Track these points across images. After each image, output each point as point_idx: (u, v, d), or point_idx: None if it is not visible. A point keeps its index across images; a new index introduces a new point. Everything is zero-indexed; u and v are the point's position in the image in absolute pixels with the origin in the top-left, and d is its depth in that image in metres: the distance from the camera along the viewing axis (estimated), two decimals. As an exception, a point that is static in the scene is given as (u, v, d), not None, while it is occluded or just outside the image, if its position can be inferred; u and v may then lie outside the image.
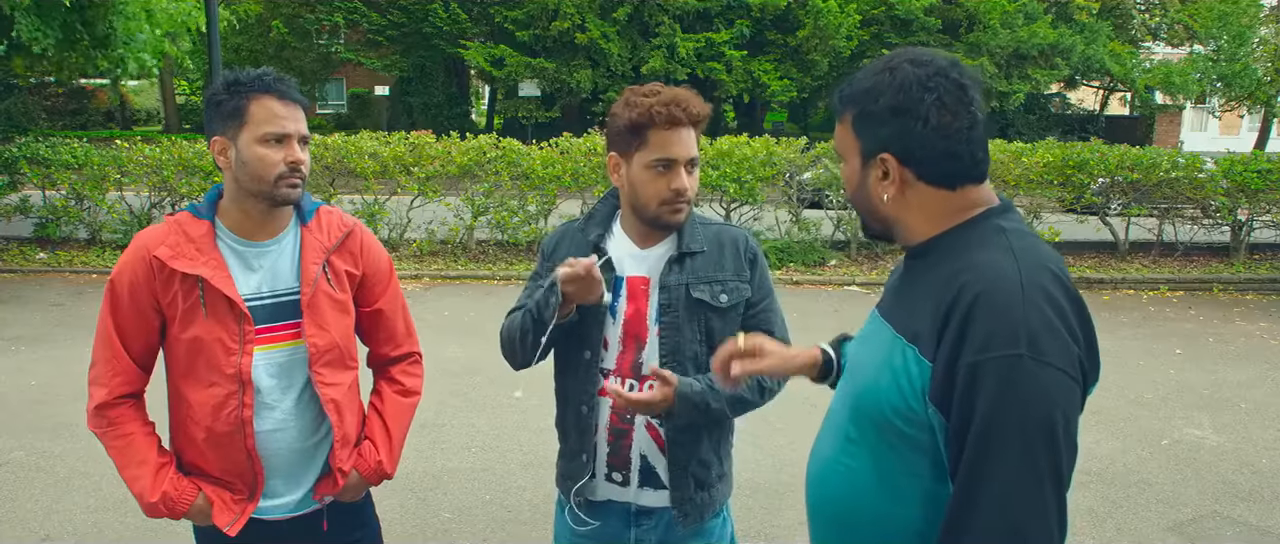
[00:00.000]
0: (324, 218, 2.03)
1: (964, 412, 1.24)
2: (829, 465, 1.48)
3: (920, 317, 1.35)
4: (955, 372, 1.25)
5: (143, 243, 1.91)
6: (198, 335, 1.88)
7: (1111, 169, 10.27)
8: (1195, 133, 32.54)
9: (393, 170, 10.12)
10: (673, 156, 1.87)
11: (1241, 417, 5.57)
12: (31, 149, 10.29)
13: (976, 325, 1.24)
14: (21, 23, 8.94)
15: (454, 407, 5.34)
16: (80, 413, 5.20)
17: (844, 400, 1.49)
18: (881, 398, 1.36)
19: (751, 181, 10.06)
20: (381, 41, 25.69)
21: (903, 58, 1.38)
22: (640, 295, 1.95)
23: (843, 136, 1.47)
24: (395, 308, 2.15)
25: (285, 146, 1.85)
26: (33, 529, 3.88)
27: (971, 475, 1.23)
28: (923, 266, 1.43)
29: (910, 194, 1.41)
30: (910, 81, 1.35)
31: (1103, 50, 23.72)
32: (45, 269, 9.65)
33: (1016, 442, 1.20)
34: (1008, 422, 1.21)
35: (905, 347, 1.35)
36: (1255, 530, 4.06)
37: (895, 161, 1.39)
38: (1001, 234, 1.36)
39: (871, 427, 1.39)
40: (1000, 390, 1.21)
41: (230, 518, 1.96)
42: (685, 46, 22.03)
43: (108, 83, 27.26)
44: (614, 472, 1.99)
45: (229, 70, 1.92)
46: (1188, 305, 9.03)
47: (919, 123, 1.35)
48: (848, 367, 1.59)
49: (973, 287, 1.27)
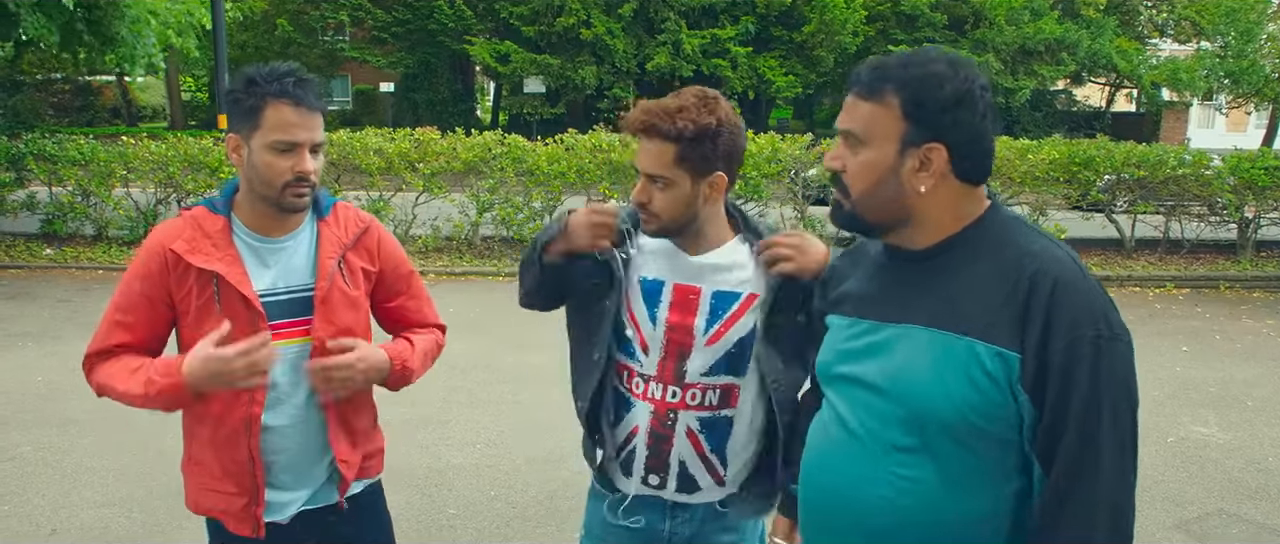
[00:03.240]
0: (341, 213, 2.02)
1: (1062, 395, 1.28)
2: (874, 481, 1.41)
3: (979, 311, 1.33)
4: (1048, 357, 1.28)
5: (159, 237, 1.90)
6: (211, 331, 1.86)
7: (1117, 166, 10.24)
8: (1202, 130, 32.42)
9: (398, 167, 10.13)
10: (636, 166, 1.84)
11: (1248, 414, 5.56)
12: (38, 145, 10.31)
13: (1062, 310, 1.28)
14: (27, 20, 8.96)
15: (459, 403, 5.34)
16: (87, 408, 5.23)
17: (873, 412, 1.42)
18: (955, 400, 1.33)
19: (756, 178, 10.06)
20: (386, 38, 25.72)
21: (949, 54, 1.37)
22: (688, 306, 1.88)
23: (880, 120, 1.38)
24: (419, 299, 2.15)
25: (295, 156, 1.83)
26: (40, 524, 3.90)
27: (1075, 457, 1.29)
28: (943, 263, 1.40)
29: (942, 188, 1.38)
30: (972, 74, 1.35)
31: (1109, 46, 23.67)
32: (52, 265, 9.67)
33: (1110, 419, 1.29)
34: (1103, 400, 1.28)
35: (973, 344, 1.32)
36: (1262, 528, 4.05)
37: (944, 153, 1.36)
38: (1022, 223, 1.43)
39: (939, 432, 1.35)
40: (1093, 370, 1.28)
41: (249, 527, 1.96)
42: (690, 43, 22.01)
43: (113, 79, 27.35)
44: (651, 475, 1.95)
45: (252, 66, 1.88)
46: (1194, 303, 9.00)
47: (978, 117, 1.35)
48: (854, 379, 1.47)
49: (1047, 273, 1.31)
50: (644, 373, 1.91)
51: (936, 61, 1.36)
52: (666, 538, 1.98)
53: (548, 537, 3.82)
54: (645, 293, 1.90)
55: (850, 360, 1.48)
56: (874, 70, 1.39)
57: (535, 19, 22.68)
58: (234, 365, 1.75)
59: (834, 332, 1.56)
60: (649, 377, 1.91)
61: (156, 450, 4.56)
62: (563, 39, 22.73)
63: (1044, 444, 1.32)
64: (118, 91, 30.04)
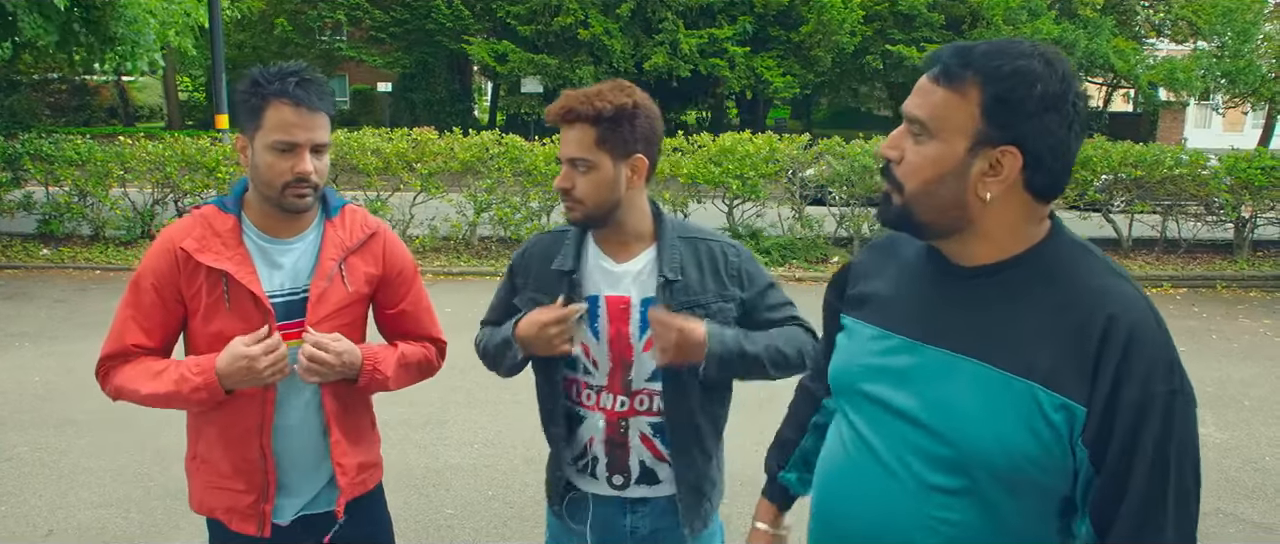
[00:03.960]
0: (349, 216, 2.02)
1: (1125, 458, 1.17)
2: (910, 521, 1.28)
3: (1044, 352, 1.20)
4: (1116, 413, 1.16)
5: (170, 235, 1.91)
6: (221, 330, 1.88)
7: (1114, 166, 10.25)
8: (1199, 129, 32.47)
9: (395, 167, 10.12)
10: (559, 156, 1.89)
11: (1245, 414, 5.56)
12: (35, 145, 10.30)
13: (1136, 362, 1.16)
14: (24, 21, 8.95)
15: (456, 403, 5.34)
16: (84, 409, 5.21)
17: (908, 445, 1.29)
18: (1009, 448, 1.20)
19: (754, 178, 10.06)
20: (384, 38, 25.71)
21: (1045, 49, 1.22)
22: (621, 317, 1.91)
23: (955, 110, 1.22)
24: (419, 308, 2.13)
25: (294, 156, 1.82)
26: (36, 525, 3.89)
27: (1137, 524, 1.18)
28: (998, 286, 1.27)
29: (1009, 199, 1.24)
30: (1068, 74, 1.21)
31: (1106, 46, 23.70)
32: (48, 265, 9.66)
33: (1176, 482, 1.18)
34: (1170, 463, 1.18)
35: (1035, 389, 1.19)
36: (1259, 528, 4.06)
37: (1019, 159, 1.21)
38: (1091, 253, 1.28)
39: (988, 478, 1.23)
40: (1163, 432, 1.17)
41: (254, 525, 1.97)
42: (688, 43, 22.02)
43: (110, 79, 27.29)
44: (614, 476, 1.99)
45: (250, 66, 1.89)
46: (1191, 302, 9.01)
47: (1065, 126, 1.21)
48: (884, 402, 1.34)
49: (1123, 319, 1.17)
50: (595, 385, 1.95)
51: (1032, 56, 1.20)
52: (628, 533, 2.01)
53: (543, 538, 3.82)
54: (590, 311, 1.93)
55: (880, 380, 1.34)
56: (959, 53, 1.23)
57: (533, 19, 22.68)
58: (260, 362, 1.79)
59: (857, 339, 1.42)
60: (600, 388, 1.95)
61: (154, 450, 4.55)
62: (560, 39, 22.73)
63: (1101, 506, 1.20)
64: (115, 91, 29.99)
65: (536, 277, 1.98)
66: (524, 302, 1.99)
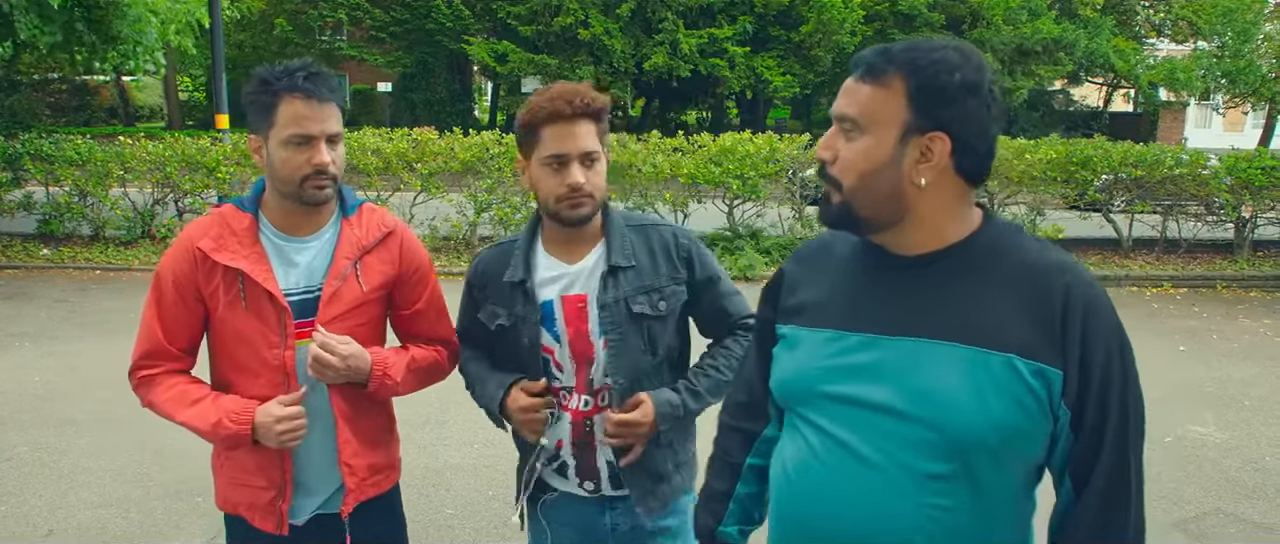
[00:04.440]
0: (366, 215, 2.03)
1: (1101, 413, 1.26)
2: (903, 513, 1.29)
3: (1013, 325, 1.26)
4: (1089, 370, 1.25)
5: (189, 234, 1.93)
6: (239, 328, 1.90)
7: (1115, 166, 10.25)
8: (1199, 129, 32.46)
9: (396, 167, 10.12)
10: (563, 151, 1.84)
11: (1245, 414, 5.56)
12: (35, 145, 10.31)
13: (1096, 323, 1.26)
14: (21, 21, 8.95)
15: (457, 403, 5.32)
16: (85, 409, 5.21)
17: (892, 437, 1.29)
18: (998, 422, 1.24)
19: (754, 178, 10.06)
20: (384, 38, 25.68)
21: (958, 42, 1.31)
22: (579, 315, 1.92)
23: (882, 104, 1.29)
24: (434, 310, 2.13)
25: (311, 148, 1.84)
26: (36, 525, 3.89)
27: (1115, 476, 1.28)
28: (947, 271, 1.32)
29: (943, 183, 1.30)
30: (982, 63, 1.29)
31: (1106, 46, 23.67)
32: (48, 265, 9.66)
33: (1136, 434, 1.29)
34: (1131, 416, 1.29)
35: (1012, 360, 1.25)
36: (1259, 528, 4.06)
37: (948, 144, 1.28)
38: (1023, 231, 1.38)
39: (980, 456, 1.27)
40: (1123, 386, 1.27)
41: (273, 522, 1.98)
42: (688, 43, 21.99)
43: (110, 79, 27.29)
44: (585, 481, 2.01)
45: (254, 66, 1.92)
46: (1191, 302, 9.01)
47: (986, 108, 1.28)
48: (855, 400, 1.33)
49: (1076, 286, 1.27)
50: (566, 386, 1.97)
51: (946, 47, 1.29)
52: (609, 529, 2.02)
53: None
54: (544, 318, 1.94)
55: (845, 379, 1.34)
56: (879, 52, 1.30)
57: (533, 19, 22.65)
58: (279, 426, 1.85)
59: (806, 346, 1.41)
60: (570, 388, 1.96)
61: (153, 451, 4.55)
62: (560, 39, 22.70)
63: (1080, 463, 1.28)
64: (115, 91, 29.98)
65: (493, 291, 2.00)
66: (487, 315, 2.01)
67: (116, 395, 1.91)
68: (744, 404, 1.60)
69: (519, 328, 1.94)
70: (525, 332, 1.94)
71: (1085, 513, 1.29)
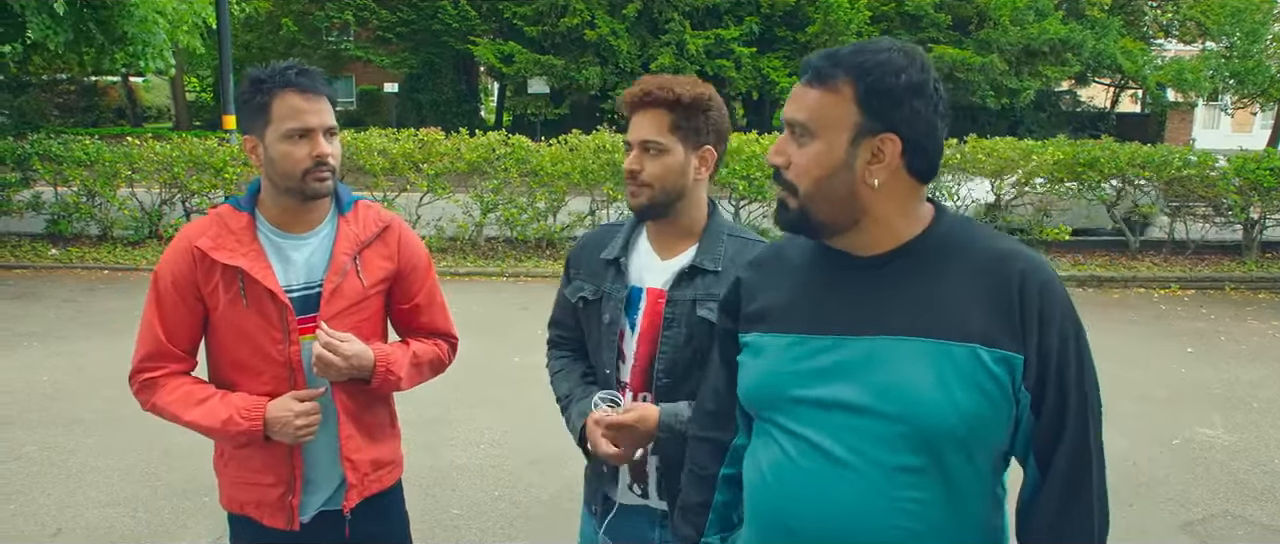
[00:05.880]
0: (361, 211, 2.04)
1: (1060, 395, 1.30)
2: (878, 510, 1.30)
3: (972, 315, 1.28)
4: (1046, 356, 1.28)
5: (186, 234, 1.94)
6: (240, 326, 1.91)
7: (1122, 167, 10.21)
8: (1207, 130, 32.34)
9: (402, 167, 10.14)
10: (629, 140, 1.87)
11: (1254, 416, 5.54)
12: (43, 145, 10.35)
13: (1052, 308, 1.29)
14: (32, 22, 8.99)
15: (463, 403, 5.34)
16: (92, 408, 5.22)
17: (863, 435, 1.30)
18: (964, 411, 1.26)
19: (761, 179, 10.05)
20: (391, 38, 25.75)
21: (903, 44, 1.32)
22: (656, 307, 1.90)
23: (831, 108, 1.30)
24: (433, 303, 2.15)
25: (309, 141, 1.85)
26: (45, 524, 3.91)
27: (1076, 458, 1.31)
28: (904, 268, 1.34)
29: (895, 183, 1.33)
30: (927, 64, 1.31)
31: (1114, 47, 23.61)
32: (57, 265, 9.70)
33: (1094, 415, 1.32)
34: (1089, 397, 1.31)
35: (976, 350, 1.27)
36: (1268, 530, 4.04)
37: (898, 145, 1.30)
38: (976, 224, 1.41)
39: (949, 446, 1.28)
40: (1079, 367, 1.30)
41: (283, 519, 1.99)
42: (694, 43, 22.01)
43: (118, 79, 27.38)
44: (634, 484, 1.98)
45: (255, 67, 1.92)
46: (1199, 304, 8.98)
47: (931, 109, 1.30)
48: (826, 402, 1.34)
49: (1031, 273, 1.30)
50: (622, 381, 1.95)
51: (892, 50, 1.30)
52: None
53: (551, 538, 3.82)
54: (629, 302, 1.93)
55: (814, 381, 1.34)
56: (826, 57, 1.32)
57: (539, 19, 22.70)
58: (297, 422, 1.86)
59: (770, 352, 1.40)
60: (624, 384, 1.94)
61: (161, 450, 4.57)
62: (567, 39, 22.74)
63: (1043, 446, 1.32)
64: (123, 92, 30.10)
65: (587, 266, 2.00)
66: (572, 292, 2.01)
67: (124, 395, 1.91)
68: (712, 414, 1.59)
69: (602, 303, 1.94)
70: (607, 308, 1.93)
71: (1050, 495, 1.32)
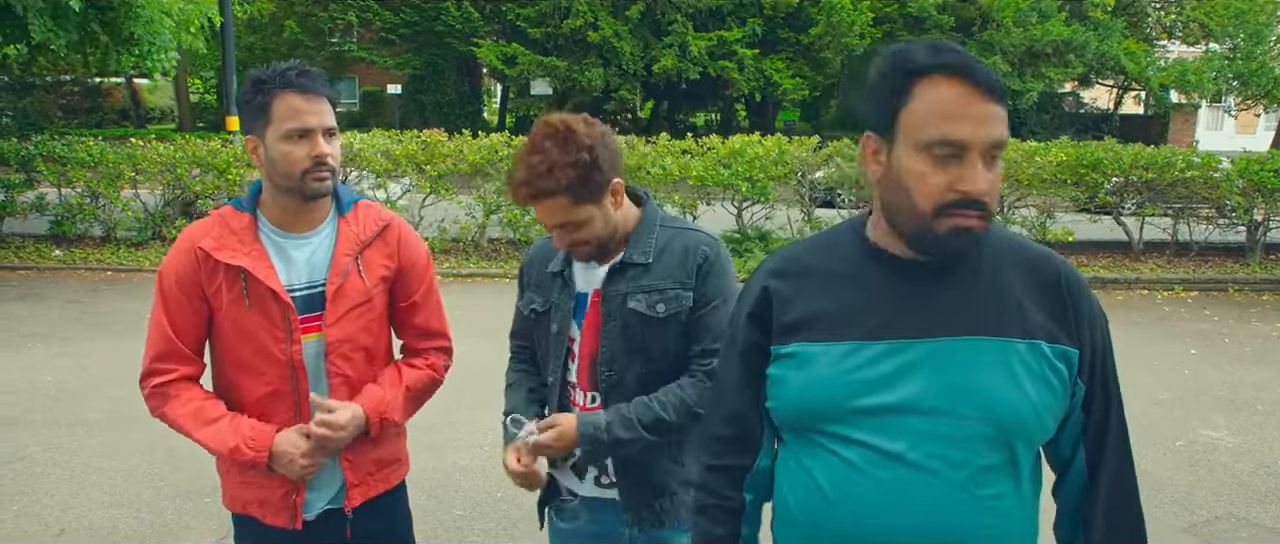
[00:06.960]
0: (361, 211, 2.05)
1: (1104, 386, 1.38)
2: (964, 511, 1.28)
3: (1031, 311, 1.32)
4: (1095, 348, 1.36)
5: (189, 235, 1.95)
6: (244, 325, 1.92)
7: (1125, 168, 10.20)
8: (1211, 132, 32.29)
9: (405, 168, 10.15)
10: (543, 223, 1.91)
11: (1258, 418, 5.53)
12: (47, 147, 10.38)
13: (1087, 302, 1.36)
14: (35, 24, 9.01)
15: (465, 404, 5.33)
16: (96, 409, 5.22)
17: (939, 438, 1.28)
18: (1037, 406, 1.29)
19: (763, 180, 10.05)
20: (394, 40, 25.77)
21: None
22: (596, 307, 1.93)
23: None
24: (429, 302, 2.15)
25: (309, 141, 1.86)
26: (48, 525, 3.91)
27: (1119, 446, 1.39)
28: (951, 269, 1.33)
29: None
30: None
31: (1117, 48, 23.57)
32: (61, 266, 9.72)
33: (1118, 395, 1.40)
34: (1119, 386, 1.40)
35: (1039, 346, 1.31)
36: (1271, 533, 4.03)
37: None
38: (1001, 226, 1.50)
39: (1023, 442, 1.32)
40: (1109, 354, 1.39)
41: (286, 517, 2.00)
42: (697, 45, 22.00)
43: (121, 81, 27.42)
44: (601, 475, 2.00)
45: (255, 68, 1.93)
46: (1203, 306, 8.97)
47: None
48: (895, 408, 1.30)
49: (1067, 269, 1.37)
50: (571, 381, 1.97)
51: None
52: (628, 542, 2.00)
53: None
54: (577, 308, 1.96)
55: (878, 389, 1.30)
56: (997, 74, 1.28)
57: (542, 21, 22.69)
58: (299, 461, 1.89)
59: (821, 362, 1.34)
60: (574, 385, 1.97)
61: (165, 451, 4.57)
62: (569, 41, 22.73)
63: (1094, 436, 1.38)
64: (126, 93, 30.16)
65: (536, 278, 2.03)
66: (524, 304, 2.05)
67: (128, 395, 1.92)
68: (731, 439, 1.49)
69: (551, 314, 1.97)
70: (556, 318, 1.96)
71: (1105, 492, 1.38)
